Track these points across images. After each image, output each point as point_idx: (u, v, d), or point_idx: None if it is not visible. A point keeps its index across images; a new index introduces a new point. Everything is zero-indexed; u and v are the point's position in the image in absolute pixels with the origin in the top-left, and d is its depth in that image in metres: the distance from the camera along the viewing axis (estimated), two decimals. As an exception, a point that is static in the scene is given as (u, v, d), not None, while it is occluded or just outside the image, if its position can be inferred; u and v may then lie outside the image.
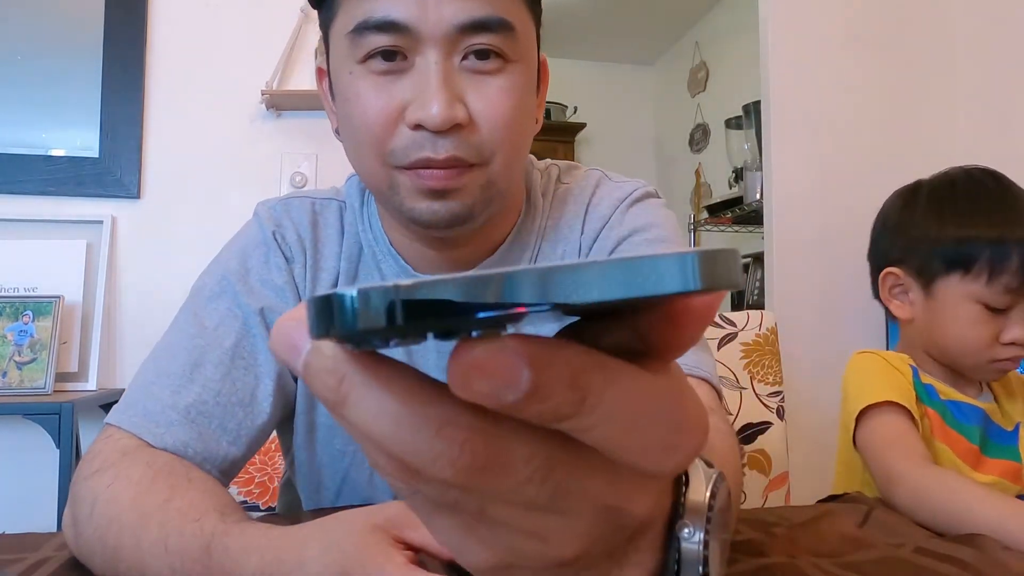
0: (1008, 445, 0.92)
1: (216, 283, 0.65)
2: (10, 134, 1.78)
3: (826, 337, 1.68)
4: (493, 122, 0.55)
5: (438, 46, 0.54)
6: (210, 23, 1.84)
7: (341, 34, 0.57)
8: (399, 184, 0.57)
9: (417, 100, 0.54)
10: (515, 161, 0.59)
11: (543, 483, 0.19)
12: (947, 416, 0.90)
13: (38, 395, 1.57)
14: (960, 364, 0.93)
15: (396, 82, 0.55)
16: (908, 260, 0.95)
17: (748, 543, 0.55)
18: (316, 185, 1.85)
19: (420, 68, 0.54)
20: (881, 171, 1.05)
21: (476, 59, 0.55)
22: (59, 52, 1.80)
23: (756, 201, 2.57)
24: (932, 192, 0.98)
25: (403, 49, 0.54)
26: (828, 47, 1.83)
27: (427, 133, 0.54)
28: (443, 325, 0.16)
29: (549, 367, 0.17)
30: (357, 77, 0.56)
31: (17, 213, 1.74)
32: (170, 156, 1.81)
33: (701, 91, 3.66)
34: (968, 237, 0.89)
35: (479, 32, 0.54)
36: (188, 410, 0.57)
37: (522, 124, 0.59)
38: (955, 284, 0.90)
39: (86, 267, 1.74)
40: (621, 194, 0.69)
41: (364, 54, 0.55)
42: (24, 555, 0.51)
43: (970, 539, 0.57)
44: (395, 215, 0.61)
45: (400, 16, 0.53)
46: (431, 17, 0.53)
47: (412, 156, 0.55)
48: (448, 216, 0.57)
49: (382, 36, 0.54)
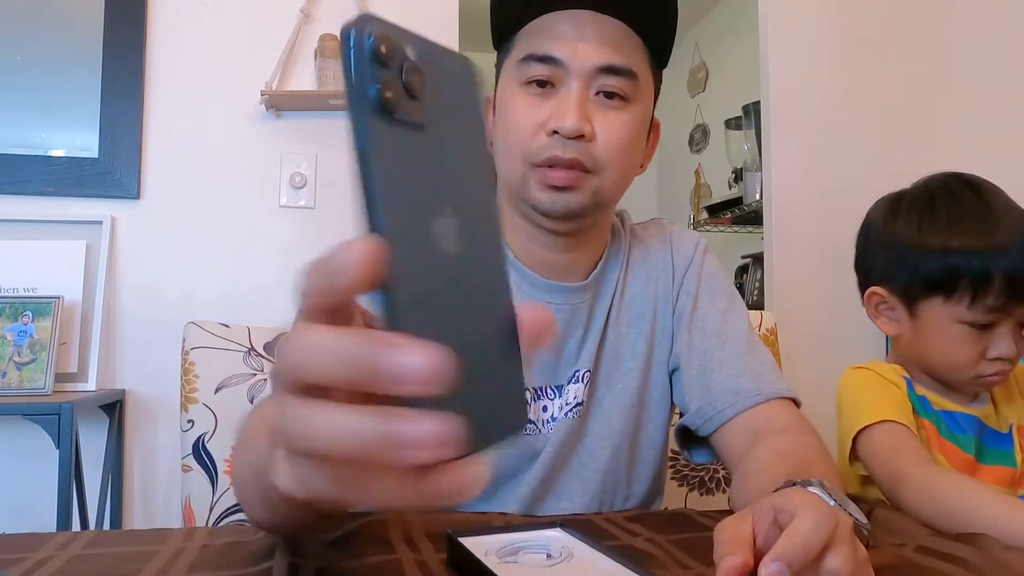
0: (1003, 449, 0.92)
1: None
2: (10, 134, 1.78)
3: (826, 337, 1.68)
4: (609, 142, 0.71)
5: (580, 79, 0.71)
6: (210, 23, 1.84)
7: (512, 64, 0.75)
8: (531, 178, 0.72)
9: (557, 114, 0.70)
10: (621, 181, 0.75)
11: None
12: (942, 427, 0.90)
13: (38, 395, 1.57)
14: (947, 380, 0.93)
15: (544, 103, 0.72)
16: (892, 279, 0.94)
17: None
18: (316, 185, 1.85)
19: (563, 93, 0.71)
20: (881, 171, 1.05)
21: (605, 97, 0.72)
22: (59, 52, 1.80)
23: (756, 201, 2.57)
24: (912, 206, 0.95)
25: (553, 79, 0.72)
26: (828, 47, 1.83)
27: (560, 138, 0.70)
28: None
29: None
30: (517, 97, 0.73)
31: (17, 213, 1.74)
32: (170, 156, 1.81)
33: (701, 91, 3.65)
34: (948, 261, 0.87)
35: (611, 74, 0.71)
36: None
37: (631, 152, 0.75)
38: (938, 306, 0.89)
39: (86, 267, 1.74)
40: (694, 239, 0.88)
41: (525, 79, 0.72)
42: (24, 555, 0.51)
43: (971, 538, 0.56)
44: (521, 208, 0.76)
45: (557, 53, 0.71)
46: (578, 57, 0.71)
47: (545, 154, 0.70)
48: (563, 208, 0.72)
49: (541, 66, 0.71)
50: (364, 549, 0.52)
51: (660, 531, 0.57)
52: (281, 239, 1.81)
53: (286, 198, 1.84)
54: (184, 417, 1.00)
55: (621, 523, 0.60)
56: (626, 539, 0.55)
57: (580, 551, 0.48)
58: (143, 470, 1.76)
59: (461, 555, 0.47)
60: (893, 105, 1.83)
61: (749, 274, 2.77)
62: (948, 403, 0.92)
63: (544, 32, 0.72)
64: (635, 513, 0.65)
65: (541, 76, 0.72)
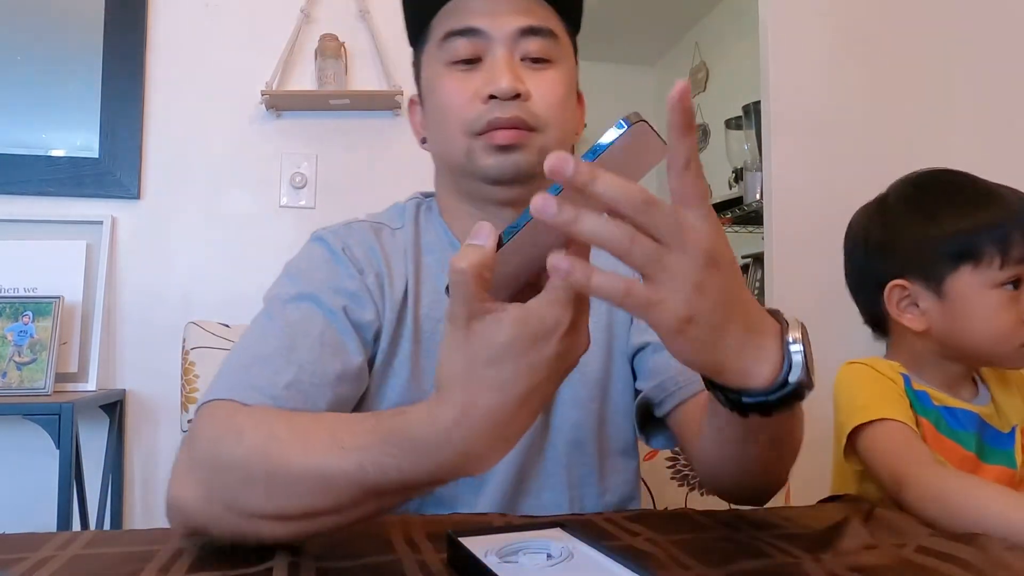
0: (1004, 449, 0.92)
1: (290, 291, 0.70)
2: (10, 134, 1.78)
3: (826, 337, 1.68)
4: (546, 98, 0.73)
5: (504, 45, 0.72)
6: (210, 24, 1.84)
7: (433, 48, 0.75)
8: (475, 149, 0.72)
9: (490, 79, 0.71)
10: (564, 139, 0.75)
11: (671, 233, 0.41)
12: (940, 424, 0.90)
13: (38, 395, 1.57)
14: (993, 357, 0.92)
15: (473, 75, 0.73)
16: (910, 269, 0.93)
17: (749, 543, 0.55)
18: (316, 185, 1.85)
19: (490, 61, 0.72)
20: (881, 171, 1.05)
21: (531, 62, 0.73)
22: (59, 52, 1.80)
23: (756, 201, 2.57)
24: (908, 199, 0.95)
25: (478, 53, 0.73)
26: (828, 48, 1.83)
27: (497, 102, 0.71)
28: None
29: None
30: (444, 76, 0.74)
31: (17, 213, 1.74)
32: (170, 156, 1.81)
33: (701, 91, 3.65)
34: (968, 227, 0.88)
35: (532, 35, 0.73)
36: (288, 387, 0.62)
37: (568, 110, 0.76)
38: (967, 277, 0.89)
39: (86, 267, 1.74)
40: None
41: (450, 59, 0.73)
42: (24, 555, 0.51)
43: (972, 538, 0.56)
44: (466, 186, 0.76)
45: (477, 24, 0.72)
46: (498, 24, 0.72)
47: (485, 119, 0.71)
48: (512, 168, 0.72)
49: (464, 40, 0.73)
50: (364, 549, 0.52)
51: (660, 531, 0.57)
52: (281, 239, 1.81)
53: (286, 198, 1.84)
54: (184, 417, 1.00)
55: (621, 523, 0.60)
56: (626, 539, 0.55)
57: (580, 551, 0.48)
58: (143, 470, 1.76)
59: (461, 555, 0.47)
60: (893, 105, 1.83)
61: (749, 274, 2.76)
62: (950, 399, 0.92)
63: (460, 10, 0.74)
64: (635, 513, 0.65)
65: (466, 54, 0.73)
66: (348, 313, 0.70)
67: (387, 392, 0.73)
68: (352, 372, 0.68)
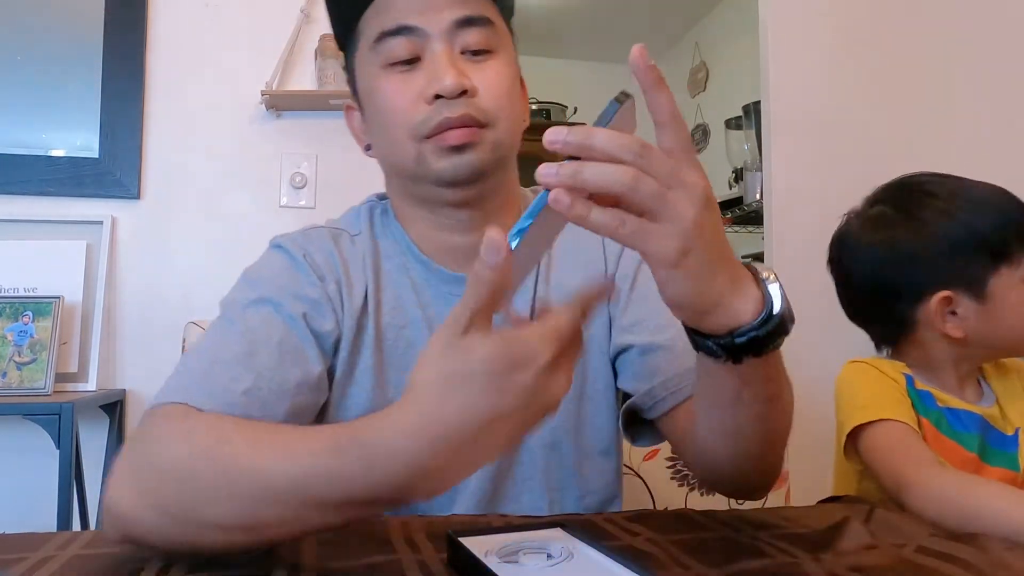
0: (1007, 452, 0.91)
1: (249, 296, 0.68)
2: (10, 134, 1.78)
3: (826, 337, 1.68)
4: (493, 92, 0.69)
5: (441, 40, 0.68)
6: (210, 23, 1.84)
7: (365, 51, 0.71)
8: (426, 153, 0.69)
9: (433, 78, 0.67)
10: (514, 131, 0.73)
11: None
12: (942, 425, 0.89)
13: (38, 395, 1.57)
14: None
15: (413, 75, 0.69)
16: (951, 277, 0.90)
17: (749, 543, 0.55)
18: (316, 185, 1.85)
19: (430, 59, 0.68)
20: (881, 171, 1.04)
21: (472, 55, 0.70)
22: (59, 52, 1.80)
23: (756, 201, 2.57)
24: (928, 206, 0.93)
25: (416, 52, 0.69)
26: (828, 47, 1.83)
27: (443, 101, 0.67)
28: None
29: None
30: (382, 79, 0.70)
31: (17, 213, 1.74)
32: (170, 156, 1.81)
33: (701, 91, 3.66)
34: (999, 225, 0.89)
35: (469, 26, 0.69)
36: (246, 393, 0.60)
37: (515, 101, 0.73)
38: (1006, 276, 0.88)
39: (86, 267, 1.74)
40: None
41: (385, 62, 0.69)
42: (24, 555, 0.50)
43: (972, 538, 0.56)
44: (418, 191, 0.73)
45: (410, 21, 0.68)
46: (433, 19, 0.68)
47: (434, 121, 0.67)
48: (468, 169, 0.69)
49: (399, 40, 0.68)
50: (364, 549, 0.52)
51: (660, 531, 0.57)
52: (281, 239, 1.80)
53: (286, 198, 1.84)
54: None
55: (621, 523, 0.60)
56: (627, 539, 0.55)
57: (580, 551, 0.48)
58: (143, 470, 1.76)
59: (461, 555, 0.47)
60: (893, 105, 1.83)
61: (749, 274, 2.76)
62: (953, 400, 0.92)
63: (389, 7, 0.69)
64: (635, 513, 0.64)
65: (403, 54, 0.69)
66: (308, 321, 0.68)
67: (350, 404, 0.72)
68: (312, 381, 0.66)
